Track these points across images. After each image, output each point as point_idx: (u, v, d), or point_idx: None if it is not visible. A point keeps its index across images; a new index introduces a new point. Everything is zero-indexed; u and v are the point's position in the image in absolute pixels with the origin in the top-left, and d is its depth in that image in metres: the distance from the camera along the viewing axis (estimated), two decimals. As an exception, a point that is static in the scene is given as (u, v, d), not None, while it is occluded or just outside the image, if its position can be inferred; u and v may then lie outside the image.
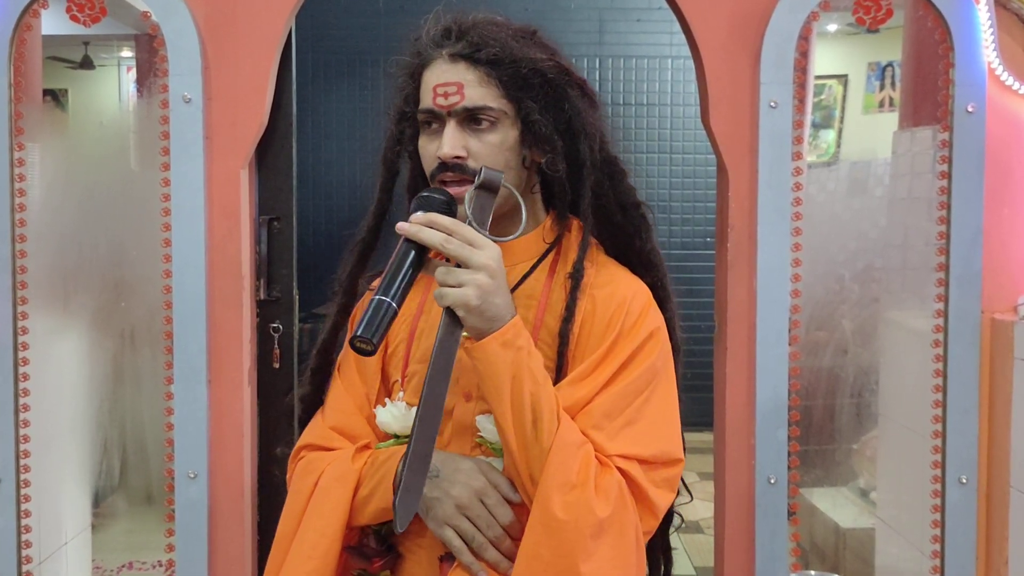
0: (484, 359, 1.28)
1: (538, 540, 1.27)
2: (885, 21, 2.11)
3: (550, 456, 1.27)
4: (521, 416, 1.27)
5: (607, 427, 1.33)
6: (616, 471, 1.31)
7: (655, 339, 1.40)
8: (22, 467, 2.12)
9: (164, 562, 2.12)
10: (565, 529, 1.25)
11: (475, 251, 1.27)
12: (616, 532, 1.29)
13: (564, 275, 1.43)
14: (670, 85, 6.60)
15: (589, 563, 1.25)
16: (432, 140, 1.41)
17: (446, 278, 1.26)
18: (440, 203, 1.33)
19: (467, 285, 1.25)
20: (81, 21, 2.09)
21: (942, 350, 2.11)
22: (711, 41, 2.10)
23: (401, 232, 1.29)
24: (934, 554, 2.14)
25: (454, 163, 1.37)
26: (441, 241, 1.26)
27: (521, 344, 1.29)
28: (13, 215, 2.08)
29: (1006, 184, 2.15)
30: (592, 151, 1.45)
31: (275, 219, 2.42)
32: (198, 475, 2.09)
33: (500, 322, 1.28)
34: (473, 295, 1.25)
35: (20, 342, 2.11)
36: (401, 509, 1.23)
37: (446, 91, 1.38)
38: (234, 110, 2.09)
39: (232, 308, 2.11)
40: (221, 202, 2.10)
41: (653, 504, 1.35)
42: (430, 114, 1.40)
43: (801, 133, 2.10)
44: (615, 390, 1.35)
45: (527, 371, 1.28)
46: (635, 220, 1.52)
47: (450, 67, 1.39)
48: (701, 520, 4.41)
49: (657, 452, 1.35)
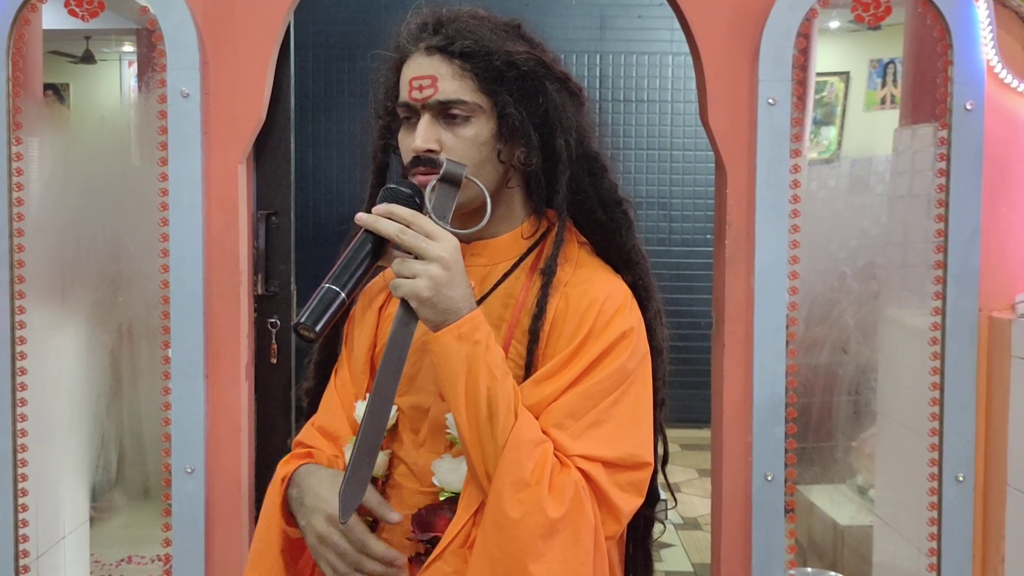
0: (439, 352, 1.27)
1: (489, 538, 1.25)
2: (884, 18, 2.10)
3: (504, 453, 1.24)
4: (476, 410, 1.26)
5: (571, 426, 1.31)
6: (575, 471, 1.28)
7: (627, 340, 1.37)
8: (19, 461, 2.13)
9: (162, 556, 2.12)
10: (516, 527, 1.23)
11: (430, 243, 1.25)
12: (570, 534, 1.25)
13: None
14: (671, 82, 6.59)
15: (539, 564, 1.23)
16: (409, 134, 1.40)
17: (400, 268, 1.25)
18: (404, 196, 1.32)
19: (420, 276, 1.24)
20: (80, 16, 2.09)
21: (940, 348, 2.11)
22: (710, 38, 2.10)
23: (359, 222, 1.28)
24: (931, 552, 2.14)
25: (426, 156, 1.36)
26: (396, 232, 1.25)
27: (479, 338, 1.27)
28: (11, 209, 2.08)
29: (1004, 182, 2.15)
30: (569, 146, 1.43)
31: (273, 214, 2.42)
32: (195, 470, 2.09)
33: (455, 315, 1.26)
34: (425, 286, 1.24)
35: (18, 336, 2.11)
36: (344, 500, 1.22)
37: (420, 84, 1.37)
38: (232, 105, 2.09)
39: (230, 303, 2.11)
40: (219, 197, 2.10)
41: (615, 507, 1.32)
42: (407, 108, 1.40)
43: (800, 131, 2.10)
44: (581, 389, 1.32)
45: (484, 365, 1.26)
46: (616, 217, 1.49)
47: (426, 60, 1.38)
48: (699, 517, 4.42)
49: (623, 455, 1.32)
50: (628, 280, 1.47)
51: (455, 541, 1.31)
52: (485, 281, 1.44)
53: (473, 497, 1.31)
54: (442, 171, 1.33)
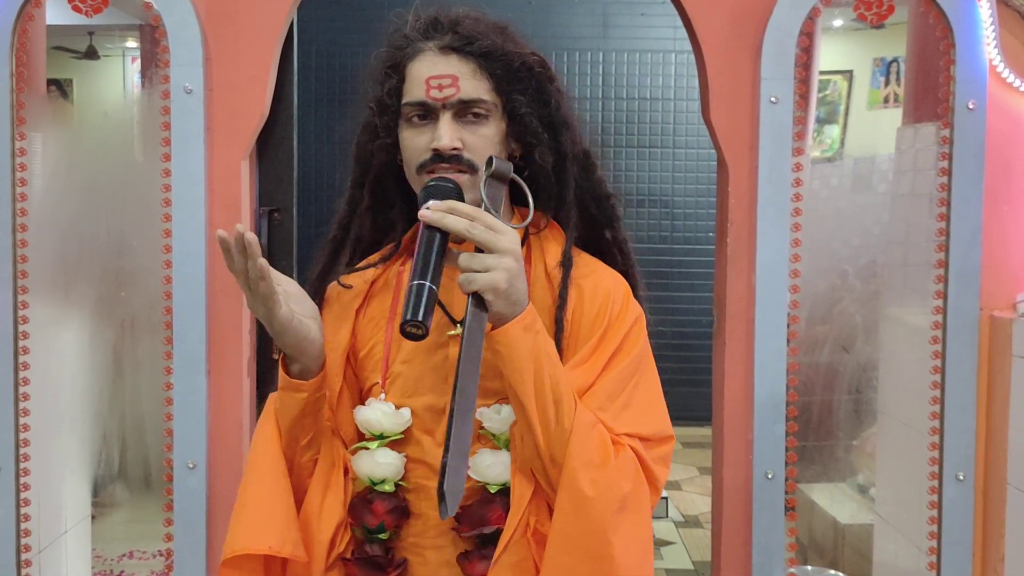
0: (507, 344, 1.29)
1: (567, 519, 1.30)
2: (887, 17, 2.11)
3: (572, 436, 1.30)
4: (544, 399, 1.30)
5: (610, 408, 1.36)
6: (629, 448, 1.35)
7: (639, 325, 1.44)
8: (22, 456, 2.13)
9: (164, 551, 2.13)
10: (592, 505, 1.29)
11: (499, 236, 1.27)
12: (636, 506, 1.33)
13: (541, 269, 1.45)
14: (673, 80, 6.59)
15: (617, 536, 1.29)
16: (420, 133, 1.40)
17: (471, 263, 1.26)
18: (451, 191, 1.34)
19: (495, 269, 1.26)
20: (83, 11, 2.09)
21: (941, 347, 2.11)
22: (712, 36, 2.10)
23: (425, 220, 1.28)
24: (931, 550, 2.14)
25: (452, 154, 1.37)
26: (466, 227, 1.26)
27: (539, 328, 1.31)
28: (14, 204, 2.09)
29: (1006, 181, 2.15)
30: (573, 143, 1.47)
31: (275, 210, 2.43)
32: (197, 465, 2.10)
33: (521, 307, 1.30)
34: (503, 279, 1.26)
35: (20, 331, 2.12)
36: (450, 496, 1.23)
37: (440, 83, 1.38)
38: (235, 101, 2.10)
39: (232, 299, 2.12)
40: (222, 193, 2.11)
41: (656, 479, 1.39)
42: (422, 106, 1.41)
43: (802, 129, 2.10)
44: (612, 375, 1.38)
45: (546, 354, 1.31)
46: (608, 211, 1.54)
47: (442, 59, 1.39)
48: (700, 514, 4.42)
49: (655, 431, 1.39)
50: (620, 271, 1.52)
51: (516, 531, 1.35)
52: None
53: (524, 486, 1.35)
54: (492, 168, 1.35)
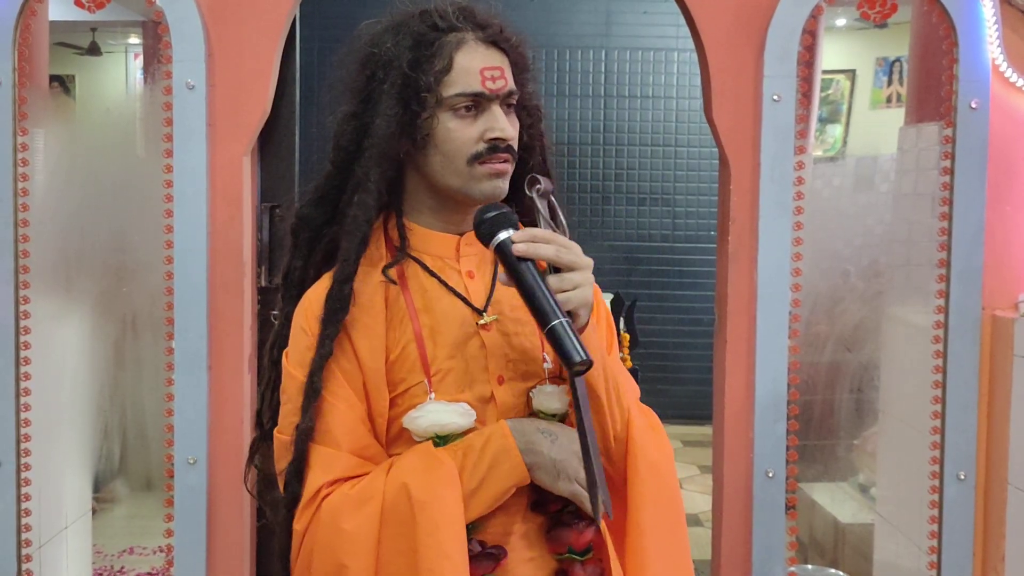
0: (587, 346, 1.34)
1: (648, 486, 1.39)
2: (891, 15, 2.10)
3: (631, 412, 1.40)
4: (608, 385, 1.38)
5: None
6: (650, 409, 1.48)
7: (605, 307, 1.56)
8: (22, 451, 2.13)
9: (164, 547, 2.13)
10: (661, 467, 1.41)
11: (577, 254, 1.33)
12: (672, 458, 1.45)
13: None
14: (676, 78, 6.58)
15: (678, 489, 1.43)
16: (471, 124, 1.41)
17: (561, 284, 1.31)
18: (512, 219, 1.36)
19: (583, 285, 1.31)
20: (86, 7, 2.09)
21: (942, 346, 2.11)
22: (715, 34, 2.10)
23: (521, 254, 1.30)
24: (931, 549, 2.14)
25: (507, 145, 1.41)
26: (555, 253, 1.31)
27: (593, 323, 1.38)
28: (16, 200, 2.09)
29: (1009, 181, 2.14)
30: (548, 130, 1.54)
31: (277, 207, 2.42)
32: (198, 461, 2.10)
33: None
34: (591, 293, 1.33)
35: (22, 326, 2.11)
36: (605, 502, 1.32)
37: (493, 75, 1.41)
38: (237, 97, 2.10)
39: (233, 295, 2.12)
40: (223, 189, 2.11)
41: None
42: (478, 97, 1.41)
43: (805, 128, 2.10)
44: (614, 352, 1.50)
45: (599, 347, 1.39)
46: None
47: (488, 51, 1.42)
48: (700, 513, 4.42)
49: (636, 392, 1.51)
50: None
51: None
52: (481, 266, 1.46)
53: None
54: (541, 187, 1.40)
